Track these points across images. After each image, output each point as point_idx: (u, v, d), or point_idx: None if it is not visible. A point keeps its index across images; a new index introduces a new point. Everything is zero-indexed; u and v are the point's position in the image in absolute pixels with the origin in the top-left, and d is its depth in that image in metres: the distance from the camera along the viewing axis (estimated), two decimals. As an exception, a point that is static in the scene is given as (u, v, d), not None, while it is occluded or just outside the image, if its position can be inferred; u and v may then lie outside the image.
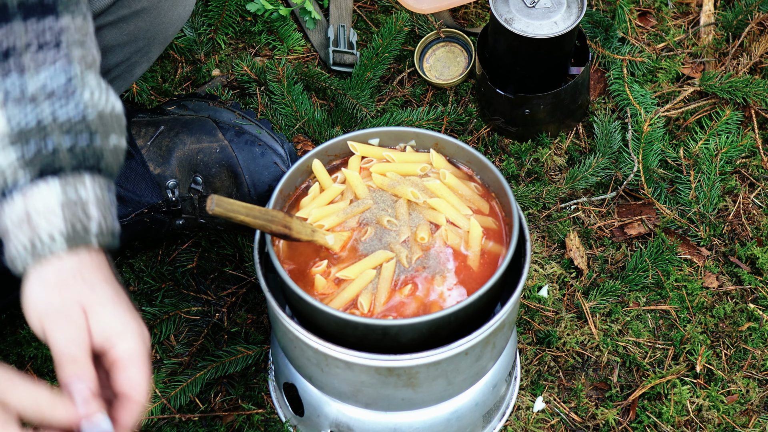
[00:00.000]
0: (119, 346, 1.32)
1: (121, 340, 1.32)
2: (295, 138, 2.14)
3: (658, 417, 1.86)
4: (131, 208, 1.90)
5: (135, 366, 1.32)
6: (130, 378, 1.32)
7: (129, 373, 1.32)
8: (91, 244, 1.33)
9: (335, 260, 1.58)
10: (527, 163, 2.18)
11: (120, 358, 1.32)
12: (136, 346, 1.32)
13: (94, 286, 1.33)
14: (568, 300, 2.00)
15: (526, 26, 2.02)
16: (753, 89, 2.23)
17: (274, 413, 1.87)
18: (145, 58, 1.81)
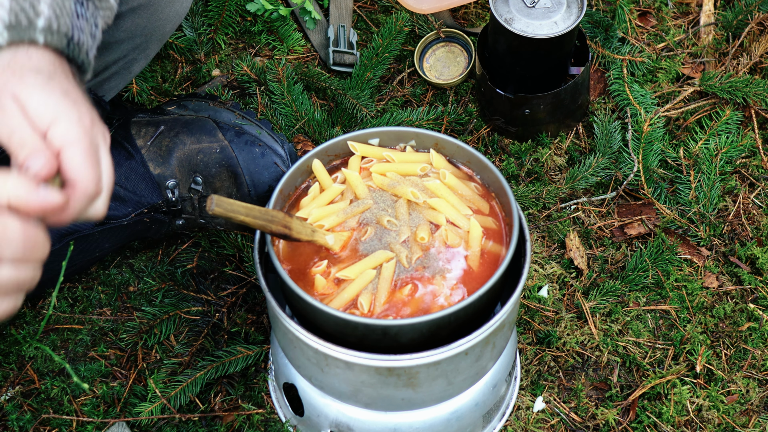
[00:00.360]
0: (54, 132, 1.24)
1: (55, 126, 1.24)
2: (295, 138, 2.14)
3: (658, 417, 1.86)
4: (131, 208, 1.90)
5: (72, 148, 1.24)
6: (69, 162, 1.24)
7: (67, 157, 1.24)
8: (36, 41, 1.26)
9: (335, 260, 1.58)
10: (527, 163, 2.18)
11: (57, 146, 1.24)
12: (71, 128, 1.24)
13: (23, 76, 1.24)
14: (568, 300, 2.00)
15: (526, 26, 2.02)
16: (753, 89, 2.23)
17: (274, 413, 1.87)
18: (142, 55, 1.81)
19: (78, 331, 1.96)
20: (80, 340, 1.95)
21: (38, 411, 1.85)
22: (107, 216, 1.88)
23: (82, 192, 1.25)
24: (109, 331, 1.96)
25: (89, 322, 1.97)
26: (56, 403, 1.87)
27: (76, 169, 1.24)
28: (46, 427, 1.84)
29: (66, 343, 1.95)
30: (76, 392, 1.88)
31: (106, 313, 1.98)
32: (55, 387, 1.88)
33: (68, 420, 1.84)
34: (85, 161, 1.24)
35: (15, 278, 1.22)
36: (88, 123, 1.27)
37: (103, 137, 1.30)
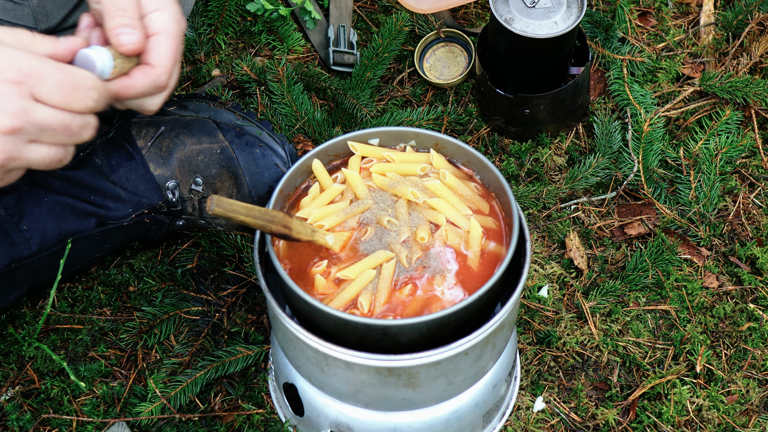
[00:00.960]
0: (155, 18, 1.40)
1: (159, 13, 1.40)
2: (295, 138, 2.14)
3: (658, 417, 1.86)
4: (131, 209, 1.90)
5: (165, 38, 1.40)
6: (157, 48, 1.40)
7: (157, 43, 1.39)
8: None
9: (335, 260, 1.58)
10: (527, 163, 2.18)
11: (153, 31, 1.39)
12: (172, 22, 1.40)
13: None
14: (568, 300, 2.00)
15: (526, 26, 2.02)
16: (753, 89, 2.23)
17: (274, 413, 1.87)
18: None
19: (78, 331, 1.96)
20: (80, 340, 1.95)
21: (38, 411, 1.85)
22: (107, 217, 1.88)
23: (155, 77, 1.40)
24: (109, 331, 1.96)
25: (89, 322, 1.97)
26: (56, 403, 1.87)
27: (161, 57, 1.40)
28: (46, 427, 1.84)
29: (66, 343, 1.95)
30: (76, 392, 1.88)
31: (106, 313, 1.98)
32: (55, 387, 1.88)
33: (68, 420, 1.84)
34: (170, 54, 1.40)
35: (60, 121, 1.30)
36: (183, 24, 1.44)
37: None
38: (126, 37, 1.38)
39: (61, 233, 1.83)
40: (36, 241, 1.81)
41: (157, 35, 1.41)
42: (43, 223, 1.82)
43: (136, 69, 1.41)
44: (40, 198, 1.84)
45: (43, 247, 1.81)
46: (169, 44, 1.41)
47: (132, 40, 1.38)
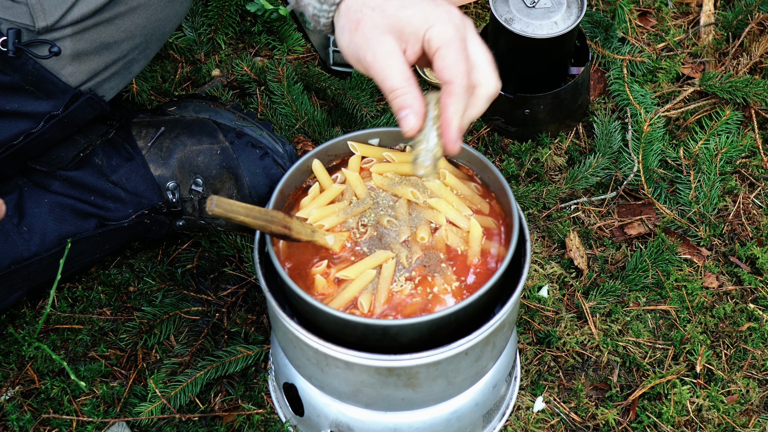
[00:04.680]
0: (431, 36, 1.39)
1: (431, 30, 1.39)
2: (295, 138, 2.14)
3: (658, 417, 1.86)
4: (132, 209, 1.90)
5: (447, 48, 1.39)
6: (444, 62, 1.39)
7: (442, 58, 1.39)
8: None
9: (335, 260, 1.58)
10: (527, 163, 2.18)
11: (434, 47, 1.39)
12: (445, 31, 1.39)
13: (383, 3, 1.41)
14: (568, 300, 2.00)
15: (526, 26, 2.02)
16: (753, 89, 2.23)
17: (274, 413, 1.87)
18: (142, 55, 1.81)
19: (78, 331, 1.96)
20: (80, 340, 1.95)
21: (38, 411, 1.85)
22: (107, 217, 1.88)
23: (458, 88, 1.39)
24: (109, 331, 1.96)
25: (89, 322, 1.97)
26: (56, 403, 1.87)
27: (451, 67, 1.39)
28: (46, 427, 1.84)
29: (66, 343, 1.95)
30: (76, 392, 1.88)
31: (106, 313, 1.98)
32: (55, 387, 1.88)
33: (68, 420, 1.84)
34: (460, 60, 1.40)
35: None
36: (461, 26, 1.42)
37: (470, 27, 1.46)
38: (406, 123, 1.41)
39: (61, 234, 1.83)
40: (36, 242, 1.81)
41: (438, 50, 1.40)
42: (43, 224, 1.82)
43: (444, 98, 1.41)
44: (40, 199, 1.84)
45: (43, 248, 1.82)
46: (453, 50, 1.40)
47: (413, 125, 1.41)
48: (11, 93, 1.70)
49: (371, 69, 1.42)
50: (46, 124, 1.75)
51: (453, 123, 1.40)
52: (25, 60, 1.66)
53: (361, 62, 1.43)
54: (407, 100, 1.40)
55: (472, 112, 1.45)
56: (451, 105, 1.40)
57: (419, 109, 1.41)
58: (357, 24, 1.42)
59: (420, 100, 1.41)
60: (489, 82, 1.45)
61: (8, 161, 1.78)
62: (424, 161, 1.43)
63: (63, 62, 1.69)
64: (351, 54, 1.45)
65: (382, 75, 1.41)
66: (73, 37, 1.68)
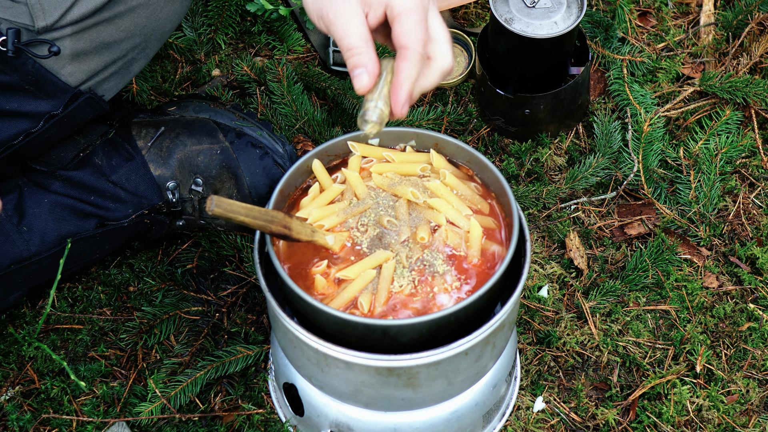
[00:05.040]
0: (394, 2, 1.42)
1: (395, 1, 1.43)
2: (295, 138, 2.14)
3: (658, 417, 1.86)
4: (132, 209, 1.90)
5: (408, 16, 1.42)
6: (402, 27, 1.42)
7: (402, 23, 1.42)
8: None
9: (335, 260, 1.58)
10: (527, 163, 2.18)
11: (396, 14, 1.42)
12: (407, 1, 1.42)
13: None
14: (568, 300, 2.00)
15: (526, 26, 2.02)
16: (753, 89, 2.23)
17: (274, 413, 1.87)
18: (142, 55, 1.81)
19: (78, 331, 1.96)
20: (80, 340, 1.95)
21: (38, 411, 1.85)
22: (107, 217, 1.88)
23: (414, 54, 1.42)
24: (109, 331, 1.96)
25: (89, 322, 1.97)
26: (56, 403, 1.87)
27: (409, 34, 1.43)
28: (46, 427, 1.84)
29: (66, 343, 1.95)
30: (76, 392, 1.88)
31: (106, 313, 1.98)
32: (55, 387, 1.88)
33: (68, 420, 1.84)
34: (419, 29, 1.43)
35: None
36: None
37: (433, 3, 1.49)
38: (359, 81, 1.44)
39: (61, 234, 1.83)
40: (36, 242, 1.81)
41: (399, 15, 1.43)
42: (43, 224, 1.82)
43: (399, 62, 1.44)
44: (40, 199, 1.84)
45: (43, 248, 1.81)
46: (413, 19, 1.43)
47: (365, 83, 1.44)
48: (11, 93, 1.70)
49: (332, 26, 1.45)
50: (46, 123, 1.75)
51: (404, 86, 1.44)
52: (25, 60, 1.66)
53: (323, 19, 1.47)
54: (362, 59, 1.44)
55: (424, 83, 1.48)
56: (404, 69, 1.43)
57: (373, 70, 1.44)
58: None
59: (375, 62, 1.44)
60: (444, 58, 1.48)
61: (8, 161, 1.78)
62: (371, 117, 1.47)
63: (62, 62, 1.69)
64: (314, 11, 1.48)
65: (342, 33, 1.44)
66: (73, 36, 1.67)
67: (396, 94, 1.45)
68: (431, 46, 1.47)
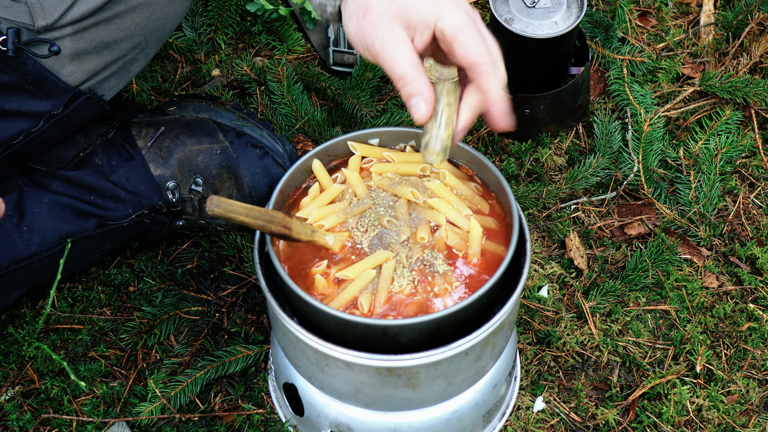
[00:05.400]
0: (444, 25, 1.39)
1: (443, 20, 1.39)
2: (295, 138, 2.14)
3: (658, 417, 1.86)
4: (132, 209, 1.90)
5: (463, 33, 1.39)
6: (465, 46, 1.39)
7: (462, 42, 1.39)
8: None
9: (335, 260, 1.58)
10: (527, 163, 2.18)
11: (449, 35, 1.39)
12: (457, 17, 1.39)
13: None
14: (568, 300, 2.00)
15: (526, 26, 2.02)
16: (753, 89, 2.23)
17: (274, 413, 1.87)
18: (142, 55, 1.81)
19: (78, 331, 1.96)
20: (80, 340, 1.95)
21: (38, 411, 1.85)
22: (107, 217, 1.88)
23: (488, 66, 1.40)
24: (109, 331, 1.96)
25: (89, 322, 1.97)
26: (56, 403, 1.87)
27: (472, 50, 1.39)
28: (46, 427, 1.84)
29: (66, 343, 1.95)
30: (76, 392, 1.88)
31: (106, 313, 1.98)
32: (55, 387, 1.88)
33: (68, 420, 1.84)
34: (478, 41, 1.40)
35: None
36: (471, 11, 1.43)
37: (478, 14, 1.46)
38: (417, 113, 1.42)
39: (61, 234, 1.83)
40: (36, 242, 1.81)
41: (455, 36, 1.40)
42: (43, 223, 1.82)
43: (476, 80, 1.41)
44: (40, 199, 1.84)
45: (43, 248, 1.81)
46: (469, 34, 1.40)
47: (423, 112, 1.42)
48: (11, 92, 1.70)
49: (379, 56, 1.42)
50: (46, 123, 1.75)
51: (498, 99, 1.41)
52: (25, 59, 1.66)
53: (369, 50, 1.43)
54: (417, 87, 1.40)
55: None
56: (490, 83, 1.41)
57: (429, 96, 1.41)
58: (365, 11, 1.43)
59: (429, 87, 1.41)
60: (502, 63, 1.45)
61: (8, 161, 1.78)
62: (435, 147, 1.44)
63: (63, 61, 1.69)
64: (359, 41, 1.45)
65: (391, 62, 1.41)
66: (73, 36, 1.67)
67: (497, 111, 1.42)
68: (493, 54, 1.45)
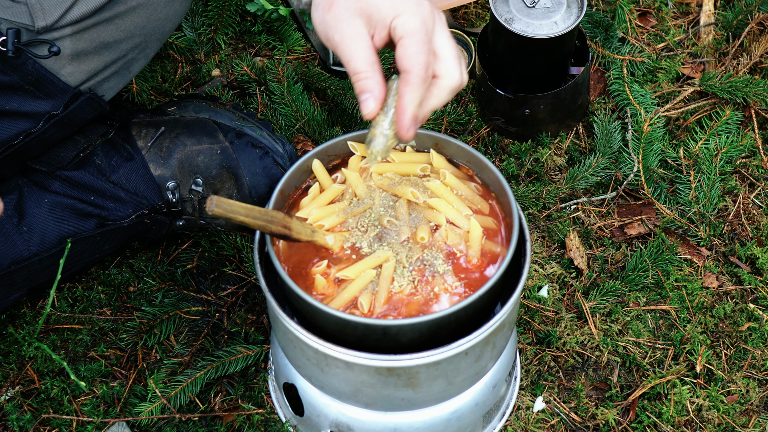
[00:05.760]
0: (397, 25, 1.41)
1: (398, 20, 1.41)
2: (295, 138, 2.14)
3: (658, 417, 1.86)
4: (131, 209, 1.90)
5: (409, 39, 1.41)
6: (404, 51, 1.41)
7: (404, 46, 1.41)
8: None
9: (335, 260, 1.58)
10: (527, 163, 2.18)
11: (398, 36, 1.42)
12: (410, 22, 1.41)
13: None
14: (568, 300, 2.00)
15: (526, 26, 2.02)
16: (753, 89, 2.23)
17: (274, 413, 1.87)
18: (142, 55, 1.81)
19: (78, 331, 1.96)
20: (80, 340, 1.95)
21: (38, 411, 1.85)
22: (107, 217, 1.88)
23: (415, 78, 1.41)
24: (109, 331, 1.96)
25: (89, 322, 1.97)
26: (56, 403, 1.87)
27: (410, 57, 1.41)
28: (46, 427, 1.84)
29: (66, 343, 1.95)
30: (76, 392, 1.88)
31: (106, 313, 1.98)
32: (55, 387, 1.88)
33: (68, 420, 1.84)
34: (420, 52, 1.42)
35: None
36: (428, 17, 1.44)
37: (441, 20, 1.48)
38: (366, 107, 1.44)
39: (61, 234, 1.83)
40: (36, 242, 1.81)
41: (401, 39, 1.42)
42: (43, 224, 1.82)
43: (402, 86, 1.43)
44: (40, 199, 1.84)
45: (43, 248, 1.81)
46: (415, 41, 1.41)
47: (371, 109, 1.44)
48: (11, 93, 1.70)
49: (338, 49, 1.45)
50: (46, 123, 1.75)
51: (408, 110, 1.44)
52: (25, 60, 1.66)
53: (330, 41, 1.47)
54: (369, 84, 1.43)
55: (433, 102, 1.47)
56: (407, 94, 1.43)
57: (379, 95, 1.44)
58: (331, 4, 1.45)
59: (381, 86, 1.44)
60: (453, 75, 1.47)
61: (8, 161, 1.78)
62: (377, 145, 1.48)
63: (62, 62, 1.69)
64: (321, 32, 1.48)
65: (348, 56, 1.44)
66: (73, 36, 1.68)
67: (400, 119, 1.44)
68: (438, 65, 1.46)
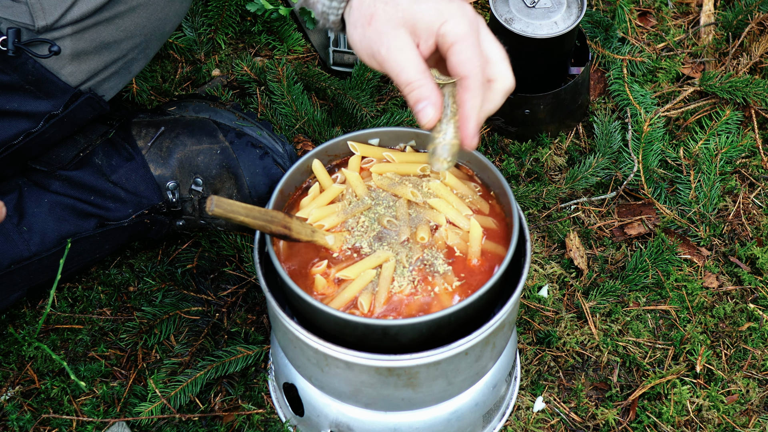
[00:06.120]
0: (446, 31, 1.38)
1: (446, 25, 1.38)
2: (295, 138, 2.14)
3: (658, 417, 1.86)
4: (131, 209, 1.90)
5: (462, 44, 1.37)
6: (459, 56, 1.38)
7: (457, 52, 1.38)
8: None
9: (335, 260, 1.58)
10: (527, 163, 2.18)
11: (449, 42, 1.38)
12: (459, 26, 1.38)
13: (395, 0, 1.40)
14: (568, 300, 2.00)
15: (526, 26, 2.02)
16: (753, 89, 2.23)
17: (274, 413, 1.87)
18: (142, 55, 1.81)
19: (78, 331, 1.96)
20: (80, 340, 1.95)
21: (38, 411, 1.85)
22: (107, 217, 1.88)
23: (474, 83, 1.38)
24: (109, 331, 1.96)
25: (89, 322, 1.97)
26: (56, 403, 1.87)
27: (465, 62, 1.38)
28: (46, 427, 1.84)
29: (66, 343, 1.95)
30: (76, 392, 1.88)
31: (106, 313, 1.98)
32: (55, 387, 1.88)
33: (68, 420, 1.84)
34: (474, 54, 1.38)
35: None
36: (474, 20, 1.41)
37: (483, 23, 1.45)
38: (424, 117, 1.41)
39: (61, 234, 1.83)
40: (36, 242, 1.81)
41: (453, 45, 1.39)
42: (43, 223, 1.82)
43: (461, 94, 1.40)
44: (40, 199, 1.84)
45: (43, 248, 1.81)
46: (467, 45, 1.38)
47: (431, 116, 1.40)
48: (11, 92, 1.70)
49: (386, 63, 1.41)
50: (46, 123, 1.75)
51: (471, 118, 1.40)
52: (25, 59, 1.66)
53: (375, 57, 1.42)
54: (424, 92, 1.39)
55: (488, 106, 1.45)
56: (469, 100, 1.39)
57: (437, 101, 1.40)
58: (370, 18, 1.42)
59: (437, 93, 1.40)
60: (505, 77, 1.44)
61: (8, 161, 1.78)
62: (442, 154, 1.43)
63: (63, 62, 1.69)
64: (364, 49, 1.44)
65: (398, 68, 1.40)
66: (73, 36, 1.68)
67: (465, 127, 1.41)
68: (490, 68, 1.43)
